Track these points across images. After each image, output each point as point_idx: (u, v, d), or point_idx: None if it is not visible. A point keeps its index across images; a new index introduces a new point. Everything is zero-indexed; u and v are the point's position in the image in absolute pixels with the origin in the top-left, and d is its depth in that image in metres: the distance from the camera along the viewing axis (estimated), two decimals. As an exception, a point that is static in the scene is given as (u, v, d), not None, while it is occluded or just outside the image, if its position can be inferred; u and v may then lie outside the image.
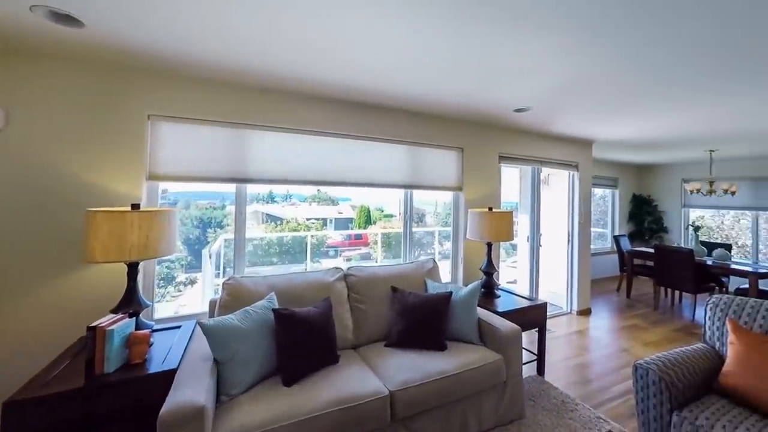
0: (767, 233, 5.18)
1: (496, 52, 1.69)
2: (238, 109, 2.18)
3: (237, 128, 2.18)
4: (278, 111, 2.32)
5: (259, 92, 2.25)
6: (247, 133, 2.21)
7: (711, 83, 2.05)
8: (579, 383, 2.41)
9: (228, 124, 2.15)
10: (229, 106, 2.16)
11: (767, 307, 1.76)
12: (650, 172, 6.27)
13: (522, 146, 3.58)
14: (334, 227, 7.00)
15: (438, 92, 2.35)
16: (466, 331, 2.03)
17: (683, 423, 1.48)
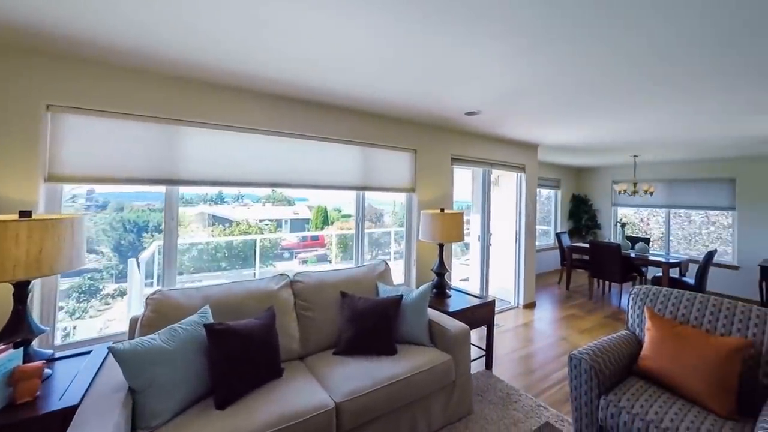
0: (677, 228, 5.95)
1: (446, 56, 1.70)
2: (172, 103, 1.97)
3: (169, 124, 1.96)
4: (222, 107, 2.15)
5: (199, 86, 2.05)
6: (181, 130, 2.00)
7: (635, 96, 2.25)
8: (523, 374, 2.55)
9: (158, 120, 1.92)
10: (160, 100, 1.93)
11: (676, 296, 1.99)
12: (587, 174, 6.89)
13: (473, 148, 3.71)
14: (289, 228, 6.73)
15: (392, 94, 2.33)
16: (417, 333, 2.03)
17: (609, 405, 1.61)
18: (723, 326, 1.76)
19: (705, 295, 1.91)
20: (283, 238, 5.80)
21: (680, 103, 2.34)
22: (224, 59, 1.73)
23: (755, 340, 1.64)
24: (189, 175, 2.03)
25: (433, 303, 2.49)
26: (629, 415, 1.53)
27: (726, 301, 1.83)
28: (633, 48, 1.57)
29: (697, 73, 1.84)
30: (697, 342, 1.69)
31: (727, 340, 1.64)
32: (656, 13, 1.26)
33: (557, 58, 1.71)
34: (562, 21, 1.35)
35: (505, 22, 1.36)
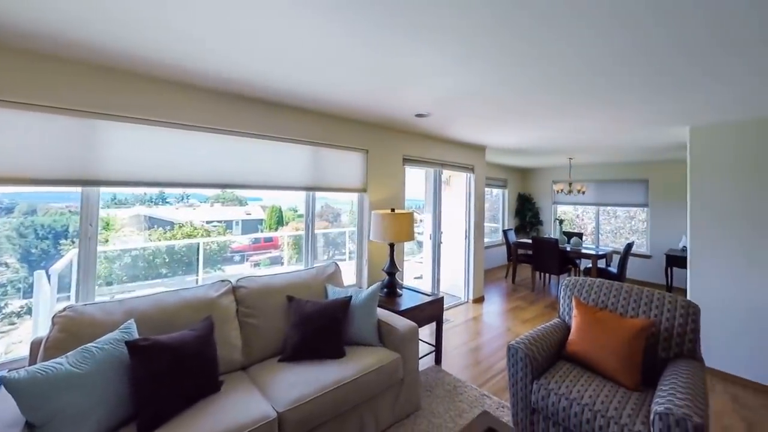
0: (605, 223, 6.67)
1: (394, 61, 1.72)
2: (89, 95, 1.75)
3: (86, 118, 1.74)
4: (157, 103, 1.97)
5: (125, 77, 1.85)
6: (101, 124, 1.79)
7: (567, 105, 2.44)
8: (470, 366, 2.68)
9: (71, 113, 1.70)
10: (74, 91, 1.71)
11: (598, 285, 2.22)
12: (531, 174, 7.43)
13: (425, 149, 3.81)
14: (241, 230, 6.37)
15: (344, 95, 2.31)
16: (366, 334, 2.04)
17: (540, 389, 1.75)
18: (632, 309, 2.00)
19: (620, 283, 2.15)
20: (234, 241, 5.47)
21: (604, 112, 2.61)
22: (157, 51, 1.58)
23: (656, 320, 1.89)
24: (114, 175, 1.82)
25: (383, 302, 2.51)
26: (556, 396, 1.68)
27: (636, 287, 2.08)
28: (566, 60, 1.68)
29: (620, 86, 2.04)
30: (612, 325, 1.90)
31: (634, 321, 1.86)
32: (589, 29, 1.37)
33: (495, 68, 1.81)
34: (497, 33, 1.42)
35: (444, 32, 1.41)
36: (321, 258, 5.51)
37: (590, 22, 1.32)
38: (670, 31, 1.37)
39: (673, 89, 2.06)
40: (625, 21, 1.30)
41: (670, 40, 1.45)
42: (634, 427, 1.44)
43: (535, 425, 1.76)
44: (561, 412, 1.64)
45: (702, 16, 1.25)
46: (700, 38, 1.43)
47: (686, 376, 1.59)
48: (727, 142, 2.81)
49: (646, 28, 1.36)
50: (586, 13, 1.25)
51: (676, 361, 1.77)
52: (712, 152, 2.87)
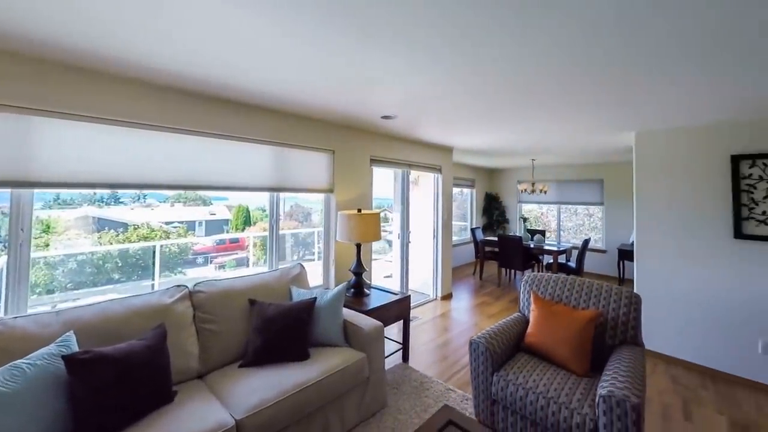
0: (566, 220, 7.07)
1: (359, 64, 1.72)
2: (23, 89, 1.59)
3: (15, 113, 1.58)
4: (105, 98, 1.83)
5: (65, 70, 1.70)
6: (36, 122, 1.63)
7: (529, 109, 2.54)
8: (437, 362, 2.75)
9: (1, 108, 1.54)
10: (7, 84, 1.55)
11: (554, 280, 2.34)
12: (498, 174, 7.72)
13: (392, 150, 3.84)
14: (205, 231, 6.07)
15: (310, 95, 2.27)
16: (332, 334, 2.03)
17: (499, 381, 1.83)
18: (584, 301, 2.14)
19: (574, 277, 2.29)
20: (196, 242, 5.20)
21: (563, 117, 2.76)
22: (101, 42, 1.47)
23: (604, 310, 2.04)
24: (54, 176, 1.67)
25: (350, 303, 2.51)
26: (514, 386, 1.76)
27: (587, 281, 2.22)
28: (526, 68, 1.76)
29: (576, 94, 2.16)
30: (565, 316, 2.02)
31: (585, 312, 1.99)
32: (550, 40, 1.44)
33: (456, 75, 1.85)
34: (457, 42, 1.45)
35: (398, 38, 1.42)
36: (290, 259, 5.39)
37: (551, 31, 1.39)
38: (614, 48, 1.48)
39: (619, 99, 2.22)
40: (572, 39, 1.39)
41: (614, 57, 1.57)
42: (582, 410, 1.55)
43: (495, 415, 1.83)
44: (518, 401, 1.72)
45: (638, 36, 1.36)
46: (638, 56, 1.55)
47: (628, 360, 1.72)
48: (664, 147, 3.08)
49: (592, 43, 1.45)
50: (544, 24, 1.31)
51: (621, 347, 1.92)
52: (654, 156, 3.13)
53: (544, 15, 1.24)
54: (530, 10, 1.21)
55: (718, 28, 1.32)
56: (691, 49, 1.49)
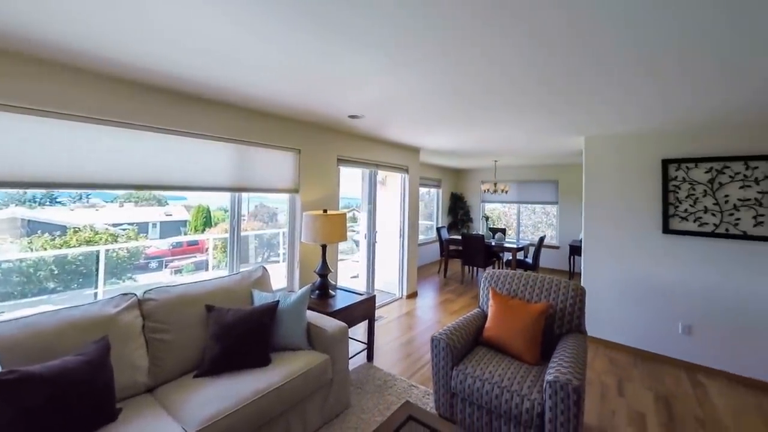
0: (526, 218, 7.49)
1: (325, 63, 1.72)
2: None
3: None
4: (38, 89, 1.65)
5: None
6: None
7: (490, 113, 2.65)
8: (401, 360, 2.80)
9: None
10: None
11: (511, 276, 2.48)
12: (463, 174, 7.99)
13: (360, 150, 3.85)
14: (159, 233, 5.67)
15: (276, 93, 2.22)
16: (295, 338, 2.00)
17: (459, 374, 1.91)
18: (536, 295, 2.29)
19: (528, 273, 2.44)
20: (149, 246, 4.83)
21: (522, 121, 2.92)
22: (35, 25, 1.33)
23: (553, 303, 2.20)
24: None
25: (315, 305, 2.48)
26: (472, 378, 1.85)
27: (540, 276, 2.38)
28: (488, 74, 1.84)
29: (535, 101, 2.29)
30: (520, 310, 2.15)
31: (537, 306, 2.13)
32: (510, 50, 1.52)
33: (421, 78, 1.90)
34: (420, 45, 1.49)
35: (361, 40, 1.44)
36: (253, 261, 5.21)
37: (508, 44, 1.47)
38: (564, 60, 1.60)
39: (570, 106, 2.40)
40: (529, 50, 1.48)
41: (564, 69, 1.70)
42: (532, 395, 1.66)
43: (455, 407, 1.91)
44: (475, 392, 1.81)
45: (585, 50, 1.48)
46: (585, 68, 1.70)
47: (572, 348, 1.88)
48: (609, 151, 3.37)
49: (546, 54, 1.56)
50: (505, 35, 1.38)
51: (567, 335, 2.08)
52: (600, 159, 3.42)
53: (505, 26, 1.32)
54: (492, 21, 1.28)
55: (655, 45, 1.48)
56: (630, 63, 1.66)
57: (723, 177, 2.83)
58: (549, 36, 1.39)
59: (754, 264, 2.70)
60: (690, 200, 2.95)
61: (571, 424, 1.51)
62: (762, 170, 2.69)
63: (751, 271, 2.71)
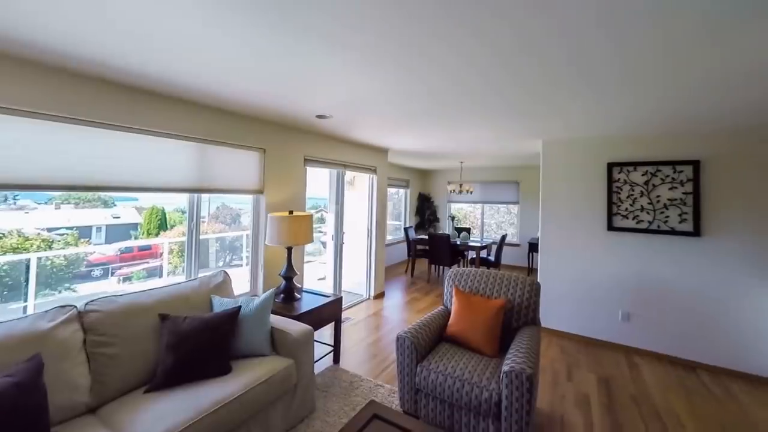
0: (490, 218, 7.83)
1: (293, 62, 1.69)
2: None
3: None
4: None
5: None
6: None
7: (455, 116, 2.74)
8: (368, 360, 2.82)
9: None
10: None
11: (473, 273, 2.58)
12: (430, 175, 8.18)
13: (328, 150, 3.81)
14: (105, 238, 5.19)
15: (239, 90, 2.15)
16: (258, 344, 1.94)
17: (423, 370, 1.96)
18: (496, 291, 2.41)
19: (489, 270, 2.56)
20: (92, 252, 4.41)
21: (485, 126, 3.06)
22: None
23: (511, 298, 2.33)
24: None
25: (280, 309, 2.43)
26: (435, 374, 1.91)
27: (500, 273, 2.50)
28: (452, 81, 1.92)
29: (495, 106, 2.42)
30: (480, 306, 2.26)
31: (496, 301, 2.25)
32: (468, 60, 1.58)
33: (390, 79, 1.92)
34: (390, 48, 1.52)
35: (328, 39, 1.44)
36: (214, 266, 4.96)
37: (468, 53, 1.53)
38: (521, 71, 1.70)
39: (528, 112, 2.56)
40: (488, 59, 1.56)
41: (521, 78, 1.81)
42: (490, 386, 1.75)
43: (419, 403, 1.96)
44: (438, 387, 1.87)
45: (540, 61, 1.59)
46: (541, 77, 1.82)
47: (527, 339, 2.00)
48: (563, 154, 3.63)
49: (503, 64, 1.65)
50: (465, 45, 1.45)
51: (523, 328, 2.21)
52: (555, 161, 3.67)
53: (465, 36, 1.38)
54: (453, 32, 1.34)
55: (594, 60, 1.62)
56: (575, 75, 1.80)
57: (656, 179, 3.16)
58: (501, 49, 1.48)
59: (679, 255, 3.05)
60: (630, 200, 3.26)
61: (524, 409, 1.62)
62: (686, 174, 3.04)
63: (677, 261, 3.06)
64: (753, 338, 2.77)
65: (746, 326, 2.80)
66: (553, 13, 1.21)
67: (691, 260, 3.01)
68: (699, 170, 2.99)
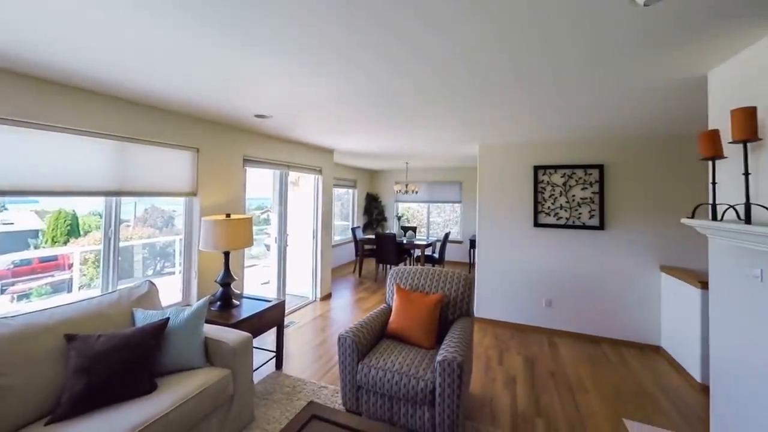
0: (436, 216, 8.21)
1: (230, 60, 1.62)
2: None
3: None
4: None
5: None
6: None
7: (397, 119, 2.83)
8: (313, 363, 2.81)
9: None
10: None
11: (414, 271, 2.71)
12: (378, 175, 8.31)
13: (269, 150, 3.68)
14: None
15: (169, 86, 2.00)
16: (189, 356, 1.82)
17: (364, 368, 2.01)
18: (435, 287, 2.56)
19: (428, 268, 2.70)
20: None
21: (426, 129, 3.21)
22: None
23: (447, 293, 2.49)
24: None
25: (216, 317, 2.30)
26: (375, 370, 1.98)
27: (438, 269, 2.66)
28: (392, 88, 1.98)
29: (435, 113, 2.56)
30: (419, 302, 2.38)
31: (433, 296, 2.39)
32: (401, 69, 1.65)
33: (332, 81, 1.93)
34: (331, 52, 1.53)
35: (267, 41, 1.41)
36: (141, 275, 4.50)
37: (407, 60, 1.60)
38: (456, 82, 1.84)
39: (465, 119, 2.76)
40: (423, 69, 1.66)
41: (457, 88, 1.95)
42: (426, 376, 1.87)
43: (360, 399, 2.02)
44: (378, 382, 1.94)
45: (473, 74, 1.73)
46: (474, 88, 1.98)
47: (460, 330, 2.17)
48: (497, 157, 3.97)
49: (441, 72, 1.76)
50: (403, 54, 1.51)
51: (458, 320, 2.39)
52: (490, 164, 3.99)
53: (395, 45, 1.45)
54: (394, 49, 1.40)
55: (526, 73, 1.81)
56: (514, 87, 2.00)
57: (572, 180, 3.62)
58: (443, 62, 1.59)
59: (589, 247, 3.54)
60: (552, 199, 3.68)
61: (455, 393, 1.76)
62: (594, 176, 3.53)
63: (587, 252, 3.54)
64: (641, 313, 3.33)
65: (637, 303, 3.35)
66: (457, 38, 1.35)
67: (598, 250, 3.51)
68: (603, 173, 3.49)
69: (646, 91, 2.01)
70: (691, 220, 1.63)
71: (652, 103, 2.24)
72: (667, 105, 2.27)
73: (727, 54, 1.53)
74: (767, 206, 1.33)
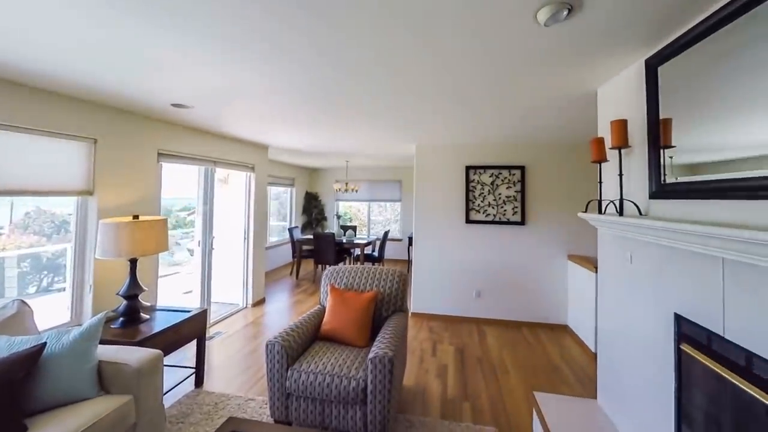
0: (377, 214, 8.29)
1: (136, 39, 1.42)
2: None
3: None
4: None
5: None
6: None
7: (333, 117, 2.76)
8: (240, 374, 2.60)
9: None
10: None
11: (349, 270, 2.67)
12: (317, 174, 8.10)
13: (191, 144, 3.31)
14: None
15: (58, 64, 1.68)
16: (76, 386, 1.53)
17: (293, 374, 1.92)
18: (369, 285, 2.56)
19: (364, 266, 2.68)
20: None
21: (366, 129, 3.18)
22: None
23: (380, 290, 2.51)
24: None
25: (117, 336, 1.99)
26: (305, 374, 1.90)
27: (373, 267, 2.66)
28: (327, 87, 1.94)
29: (373, 113, 2.54)
30: (353, 301, 2.35)
31: (367, 294, 2.39)
32: (336, 69, 1.58)
33: (263, 73, 1.80)
34: (256, 39, 1.41)
35: (195, 22, 1.23)
36: (14, 294, 3.71)
37: (340, 59, 1.54)
38: (393, 84, 1.83)
39: (404, 120, 2.81)
40: (354, 68, 1.62)
41: (387, 89, 1.95)
42: (358, 375, 1.85)
43: (289, 408, 1.93)
44: (308, 387, 1.87)
45: (407, 78, 1.74)
46: (407, 90, 2.00)
47: (393, 325, 2.20)
48: (432, 157, 4.13)
49: (378, 73, 1.74)
50: (334, 53, 1.44)
51: (392, 315, 2.42)
52: (425, 164, 4.14)
53: (336, 44, 1.39)
54: (322, 41, 1.34)
55: (442, 91, 1.87)
56: (447, 91, 2.06)
57: (498, 180, 3.94)
58: (365, 69, 1.58)
59: (512, 241, 3.90)
60: (481, 197, 3.97)
61: (386, 389, 1.77)
62: (517, 176, 3.90)
63: (511, 246, 3.90)
64: (553, 297, 3.78)
65: (550, 289, 3.80)
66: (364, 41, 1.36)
67: (520, 244, 3.88)
68: (525, 173, 3.87)
69: (549, 101, 2.27)
70: (585, 214, 1.89)
71: (556, 113, 2.55)
72: (569, 115, 2.60)
73: (610, 75, 1.81)
74: (634, 201, 1.60)
